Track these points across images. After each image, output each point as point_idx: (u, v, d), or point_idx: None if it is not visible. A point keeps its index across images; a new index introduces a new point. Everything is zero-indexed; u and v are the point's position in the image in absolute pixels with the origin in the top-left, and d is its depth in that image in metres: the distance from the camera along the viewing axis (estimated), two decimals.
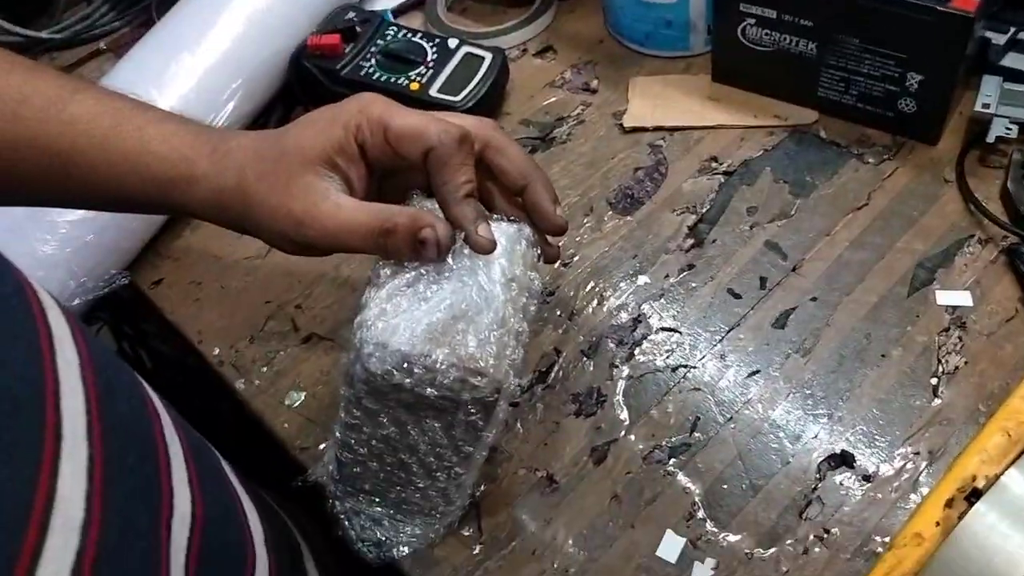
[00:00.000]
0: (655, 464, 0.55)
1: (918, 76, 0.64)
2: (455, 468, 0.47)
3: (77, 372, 0.31)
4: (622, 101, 0.76)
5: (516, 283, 0.43)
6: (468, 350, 0.41)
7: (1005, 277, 0.60)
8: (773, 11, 0.67)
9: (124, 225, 0.67)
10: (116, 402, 0.33)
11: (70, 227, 0.64)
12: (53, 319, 0.32)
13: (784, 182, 0.68)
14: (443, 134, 0.43)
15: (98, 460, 0.30)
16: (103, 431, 0.31)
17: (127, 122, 0.45)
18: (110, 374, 0.34)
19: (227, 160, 0.45)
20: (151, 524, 0.33)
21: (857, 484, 0.53)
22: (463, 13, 0.87)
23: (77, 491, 0.29)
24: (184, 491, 0.37)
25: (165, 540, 0.34)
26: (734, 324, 0.61)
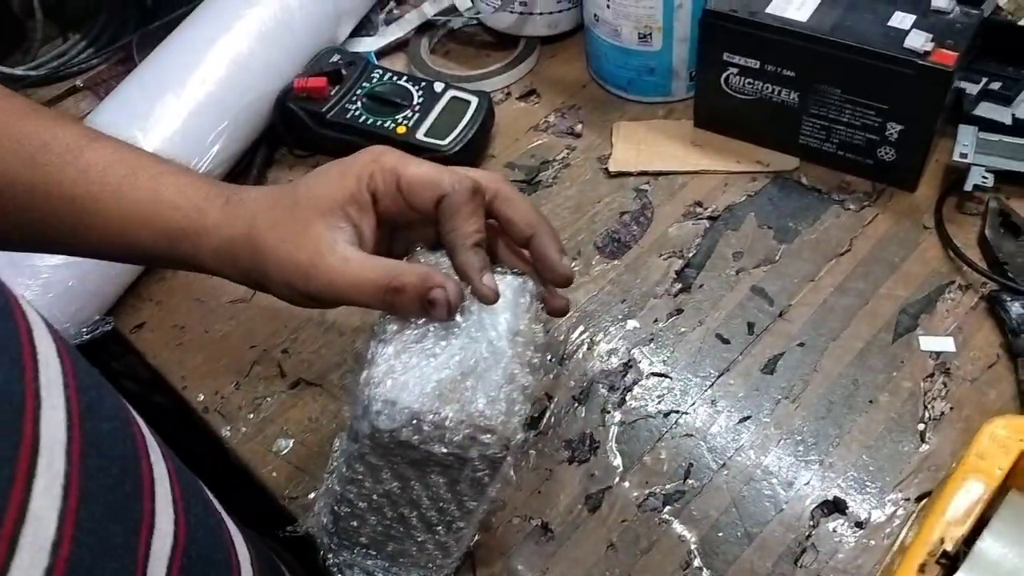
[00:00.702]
0: (650, 512, 0.55)
1: (898, 126, 0.66)
2: (456, 522, 0.47)
3: (60, 390, 0.32)
4: (606, 145, 0.77)
5: (521, 337, 0.43)
6: (478, 407, 0.40)
7: (986, 323, 0.62)
8: (756, 61, 0.68)
9: (106, 270, 0.66)
10: (99, 421, 0.33)
11: (52, 272, 0.63)
12: (39, 336, 0.32)
13: (768, 227, 0.69)
14: (456, 183, 0.43)
15: (75, 477, 0.30)
16: (83, 448, 0.31)
17: (142, 171, 0.45)
18: (93, 394, 0.34)
19: (239, 210, 0.45)
20: (128, 543, 0.33)
21: (850, 531, 0.53)
22: (446, 55, 0.87)
23: (50, 509, 0.29)
24: (167, 510, 0.36)
25: (143, 559, 0.34)
26: (724, 369, 0.61)
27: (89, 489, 0.31)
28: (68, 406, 0.31)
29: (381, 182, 0.44)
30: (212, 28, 0.76)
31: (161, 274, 0.71)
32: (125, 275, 0.69)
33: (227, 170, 0.75)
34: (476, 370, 0.41)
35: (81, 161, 0.44)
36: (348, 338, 0.66)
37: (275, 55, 0.77)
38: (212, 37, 0.75)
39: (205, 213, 0.45)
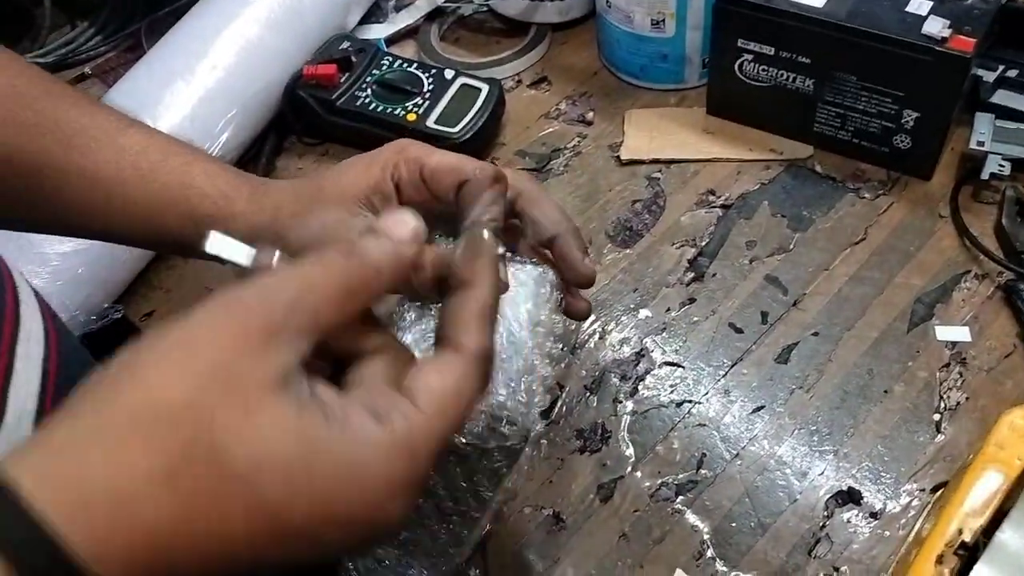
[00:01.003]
0: (662, 502, 0.55)
1: (914, 113, 0.65)
2: (471, 512, 0.46)
3: (39, 366, 0.33)
4: (618, 133, 0.76)
5: (541, 327, 0.43)
6: (498, 398, 0.40)
7: (1002, 312, 0.61)
8: (771, 48, 0.67)
9: (116, 256, 0.66)
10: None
11: (61, 259, 0.63)
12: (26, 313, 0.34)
13: (782, 216, 0.68)
14: (479, 170, 0.43)
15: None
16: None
17: (173, 158, 0.45)
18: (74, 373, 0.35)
19: (264, 199, 0.45)
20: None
21: (864, 521, 0.53)
22: (456, 43, 0.87)
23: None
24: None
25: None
26: (737, 359, 0.61)
27: None
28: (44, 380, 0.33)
29: (405, 171, 0.44)
30: (221, 15, 0.76)
31: (171, 262, 0.71)
32: (135, 262, 0.69)
33: (236, 158, 0.75)
34: (497, 361, 0.41)
35: (115, 145, 0.44)
36: None
37: (284, 42, 0.77)
38: (221, 24, 0.75)
39: (232, 201, 0.45)
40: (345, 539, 0.28)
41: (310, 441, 0.27)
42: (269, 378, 0.27)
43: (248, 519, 0.26)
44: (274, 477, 0.26)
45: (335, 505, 0.28)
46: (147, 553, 0.25)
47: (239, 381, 0.27)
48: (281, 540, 0.27)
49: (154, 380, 0.26)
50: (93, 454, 0.25)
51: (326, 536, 0.28)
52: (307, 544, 0.28)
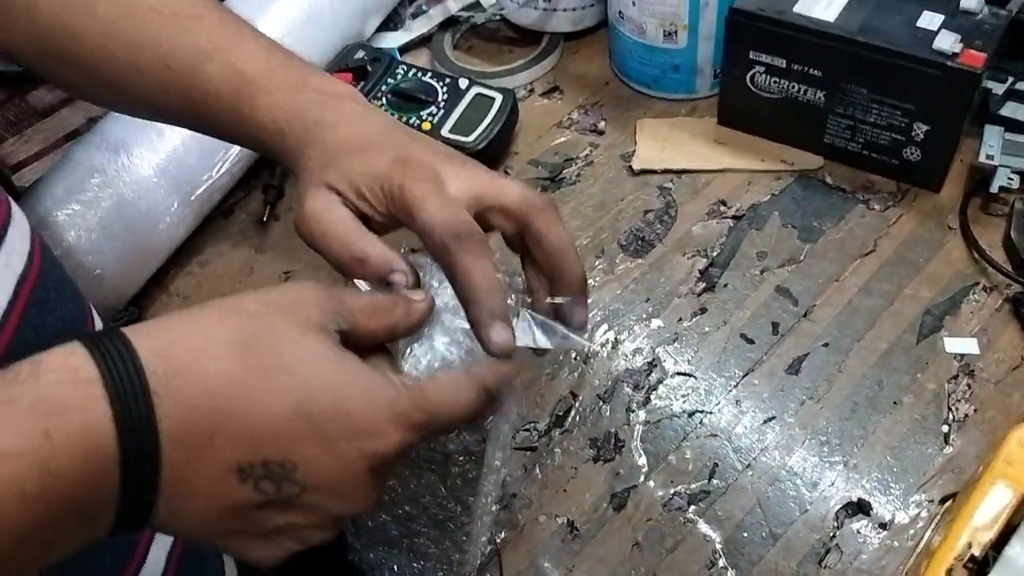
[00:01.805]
0: (675, 511, 0.56)
1: (924, 126, 0.66)
2: (459, 518, 0.47)
3: (15, 278, 0.38)
4: (630, 142, 0.77)
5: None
6: None
7: (1011, 325, 0.62)
8: (783, 60, 0.68)
9: (133, 259, 0.67)
10: (45, 315, 0.39)
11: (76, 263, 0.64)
12: (12, 234, 0.39)
13: (792, 227, 0.69)
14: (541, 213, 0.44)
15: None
16: (19, 329, 0.36)
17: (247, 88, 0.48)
18: (51, 295, 0.40)
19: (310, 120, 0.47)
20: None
21: (874, 532, 0.54)
22: (469, 51, 0.87)
23: None
24: None
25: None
26: (748, 369, 0.62)
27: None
28: (17, 290, 0.37)
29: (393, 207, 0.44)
30: None
31: (188, 269, 0.72)
32: (151, 265, 0.70)
33: (249, 164, 0.75)
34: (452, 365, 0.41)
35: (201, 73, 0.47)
36: None
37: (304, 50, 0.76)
38: None
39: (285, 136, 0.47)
40: (346, 451, 0.35)
41: (338, 363, 0.36)
42: (316, 323, 0.37)
43: (284, 401, 0.34)
44: (310, 374, 0.35)
45: (347, 406, 0.35)
46: (203, 401, 0.33)
47: (298, 317, 0.36)
48: (304, 428, 0.34)
49: (239, 300, 0.37)
50: (186, 324, 0.35)
51: (334, 434, 0.35)
52: (320, 442, 0.35)
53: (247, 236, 0.74)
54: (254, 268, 0.72)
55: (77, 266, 0.65)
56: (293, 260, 0.72)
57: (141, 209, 0.68)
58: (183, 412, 0.32)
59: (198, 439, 0.33)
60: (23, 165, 0.84)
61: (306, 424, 0.34)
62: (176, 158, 0.70)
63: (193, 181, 0.71)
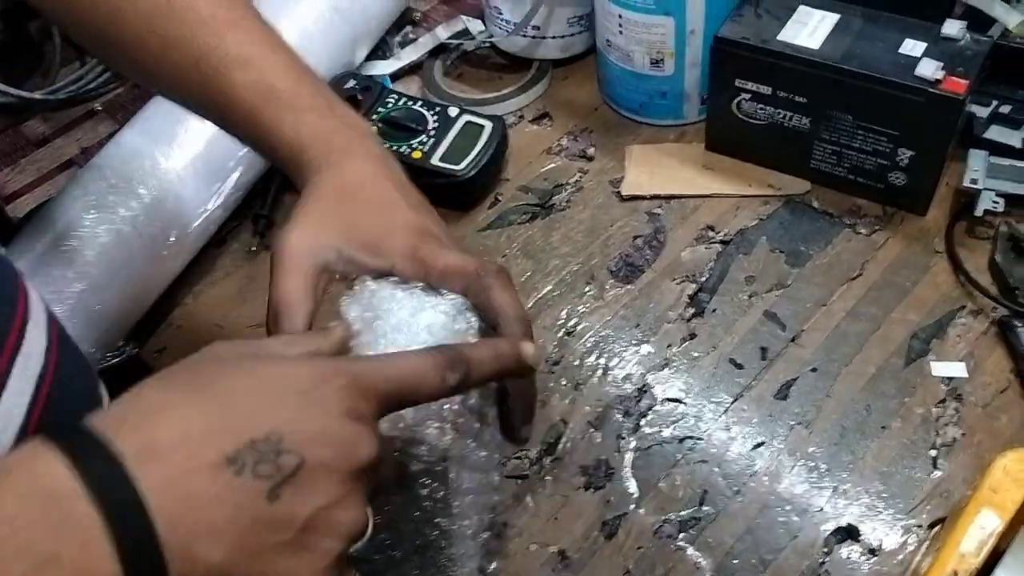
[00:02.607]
0: (665, 539, 0.56)
1: (908, 152, 0.67)
2: (439, 542, 0.47)
3: (34, 379, 0.37)
4: (619, 168, 0.77)
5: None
6: (406, 420, 0.41)
7: (997, 348, 0.62)
8: (768, 87, 0.69)
9: (131, 293, 0.68)
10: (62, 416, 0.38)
11: (77, 298, 0.64)
12: (31, 333, 0.38)
13: (780, 251, 0.70)
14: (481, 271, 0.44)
15: None
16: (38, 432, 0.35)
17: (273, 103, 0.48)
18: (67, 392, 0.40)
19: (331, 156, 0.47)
20: None
21: (863, 558, 0.54)
22: (459, 79, 0.88)
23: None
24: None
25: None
26: (738, 395, 0.62)
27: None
28: (35, 394, 0.37)
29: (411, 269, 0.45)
30: None
31: (181, 299, 0.73)
32: (149, 298, 0.70)
33: (245, 194, 0.76)
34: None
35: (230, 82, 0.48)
36: None
37: None
38: None
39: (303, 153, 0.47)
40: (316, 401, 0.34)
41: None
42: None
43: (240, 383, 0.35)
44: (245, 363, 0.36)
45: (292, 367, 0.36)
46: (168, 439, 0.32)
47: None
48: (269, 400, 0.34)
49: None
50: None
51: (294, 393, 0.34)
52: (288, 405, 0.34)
53: (239, 265, 0.75)
54: (247, 297, 0.72)
55: (77, 302, 0.65)
56: None
57: (140, 243, 0.68)
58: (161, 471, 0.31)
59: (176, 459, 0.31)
60: (18, 195, 0.84)
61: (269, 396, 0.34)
62: (173, 191, 0.70)
63: (189, 214, 0.71)
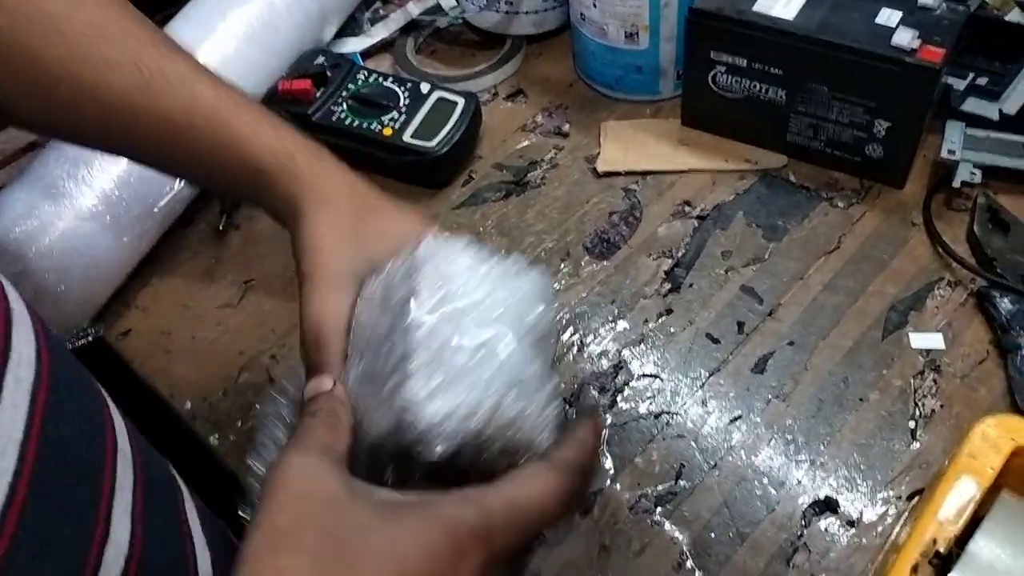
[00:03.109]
0: (642, 514, 0.55)
1: (885, 123, 0.66)
2: None
3: (28, 389, 0.33)
4: (594, 145, 0.76)
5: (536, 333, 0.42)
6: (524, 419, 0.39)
7: (975, 319, 0.62)
8: (743, 60, 0.68)
9: (96, 275, 0.66)
10: (64, 424, 0.35)
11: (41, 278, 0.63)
12: (17, 338, 0.35)
13: (756, 226, 0.69)
14: None
15: (26, 475, 0.31)
16: (40, 448, 0.32)
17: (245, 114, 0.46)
18: (64, 396, 0.35)
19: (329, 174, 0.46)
20: (77, 548, 0.34)
21: (842, 530, 0.53)
22: (432, 55, 0.87)
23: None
24: (124, 521, 0.37)
25: (94, 566, 0.35)
26: (714, 369, 0.61)
27: (40, 489, 0.32)
28: (32, 405, 0.33)
29: None
30: (198, 30, 0.76)
31: (147, 280, 0.71)
32: (114, 281, 0.68)
33: None
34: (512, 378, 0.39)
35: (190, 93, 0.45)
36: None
37: (261, 57, 0.76)
38: (198, 39, 0.75)
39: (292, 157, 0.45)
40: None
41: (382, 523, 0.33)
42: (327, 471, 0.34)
43: None
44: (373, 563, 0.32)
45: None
46: None
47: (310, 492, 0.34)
48: None
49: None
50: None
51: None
52: None
53: (205, 246, 0.73)
54: (214, 278, 0.71)
55: (39, 284, 0.63)
56: (252, 269, 0.71)
57: (103, 223, 0.66)
58: None
59: None
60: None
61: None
62: (137, 170, 0.68)
63: (156, 193, 0.69)
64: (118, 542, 0.36)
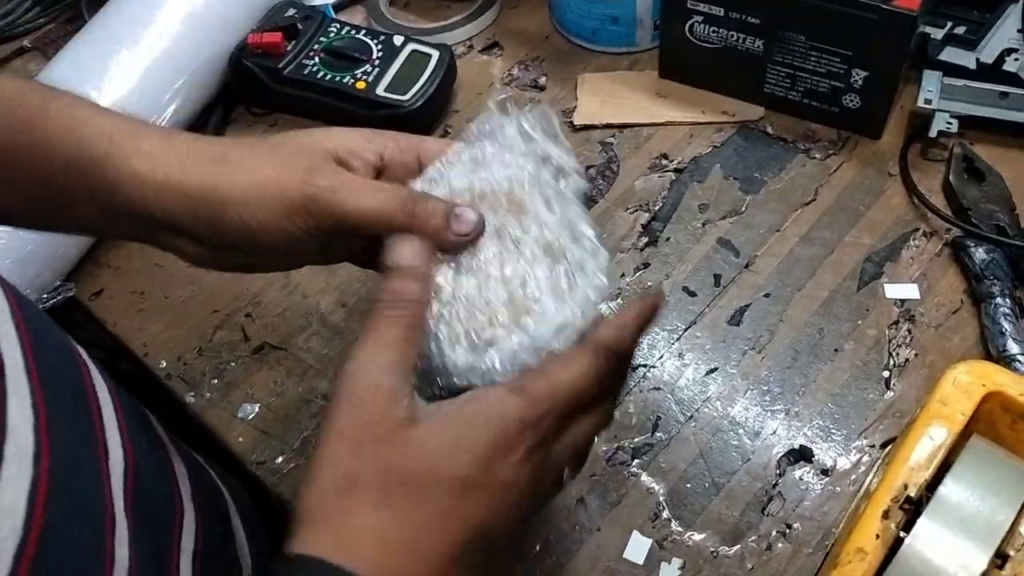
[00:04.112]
0: (619, 465, 0.55)
1: (862, 72, 0.65)
2: None
3: (9, 319, 0.33)
4: (571, 98, 0.75)
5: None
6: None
7: (950, 269, 0.62)
8: (720, 8, 0.67)
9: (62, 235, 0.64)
10: (47, 352, 0.35)
11: (8, 237, 0.62)
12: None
13: (734, 178, 0.69)
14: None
15: (39, 397, 0.32)
16: (39, 373, 0.33)
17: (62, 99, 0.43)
18: (39, 326, 0.36)
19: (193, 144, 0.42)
20: (94, 463, 0.35)
21: (816, 478, 0.54)
22: (406, 7, 0.85)
23: (26, 423, 0.30)
24: (116, 437, 0.38)
25: (107, 480, 0.36)
26: (691, 322, 0.61)
27: (53, 410, 0.32)
28: (19, 333, 0.33)
29: (395, 145, 0.43)
30: None
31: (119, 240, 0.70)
32: (86, 241, 0.67)
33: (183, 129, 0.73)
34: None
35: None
36: (312, 300, 0.65)
37: (231, 9, 0.75)
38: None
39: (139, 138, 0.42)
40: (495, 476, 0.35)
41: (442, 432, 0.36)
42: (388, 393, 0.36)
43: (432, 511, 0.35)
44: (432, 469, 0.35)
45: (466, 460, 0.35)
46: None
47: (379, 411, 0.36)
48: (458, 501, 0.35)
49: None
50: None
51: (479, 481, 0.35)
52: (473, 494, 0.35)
53: None
54: None
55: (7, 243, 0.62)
56: None
57: None
58: None
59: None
60: None
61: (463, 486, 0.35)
62: None
63: None
64: (116, 457, 0.37)
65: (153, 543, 0.39)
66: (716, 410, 0.57)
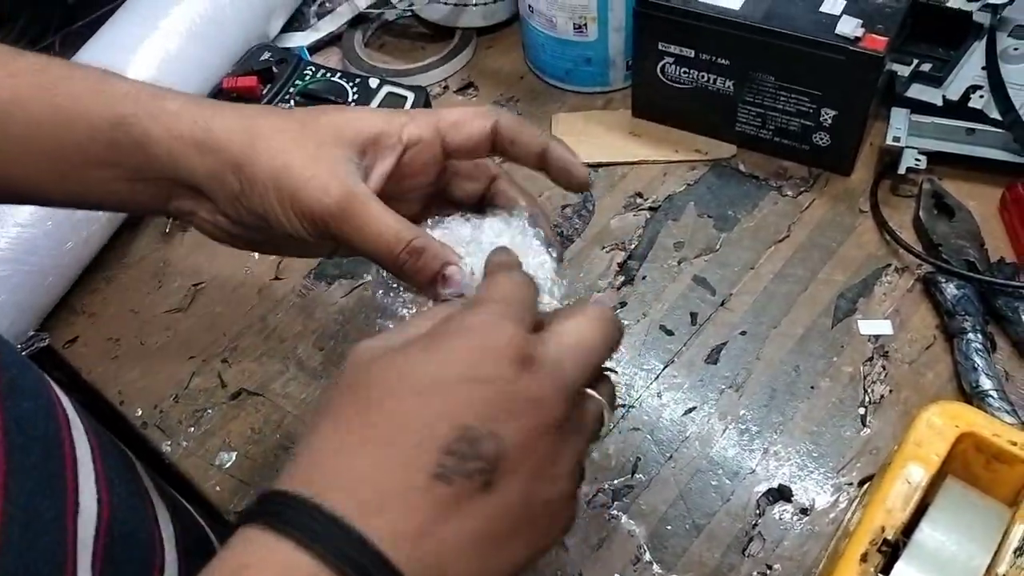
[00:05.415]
0: (599, 508, 0.55)
1: (831, 111, 0.66)
2: None
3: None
4: None
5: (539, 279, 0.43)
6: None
7: (922, 305, 0.62)
8: (691, 50, 0.68)
9: (38, 282, 0.64)
10: (20, 400, 0.34)
11: None
12: None
13: (708, 216, 0.69)
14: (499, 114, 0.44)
15: (1, 452, 0.31)
16: (6, 424, 0.32)
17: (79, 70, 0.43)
18: (15, 373, 0.35)
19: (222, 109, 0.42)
20: (56, 519, 0.35)
21: (795, 518, 0.54)
22: (381, 49, 0.86)
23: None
24: (90, 488, 0.38)
25: (72, 535, 0.35)
26: (668, 361, 0.61)
27: (16, 464, 0.32)
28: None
29: (415, 127, 0.42)
30: (140, 26, 0.74)
31: (94, 286, 0.69)
32: (59, 287, 0.67)
33: None
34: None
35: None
36: (290, 344, 0.65)
37: (205, 54, 0.75)
38: (140, 36, 0.73)
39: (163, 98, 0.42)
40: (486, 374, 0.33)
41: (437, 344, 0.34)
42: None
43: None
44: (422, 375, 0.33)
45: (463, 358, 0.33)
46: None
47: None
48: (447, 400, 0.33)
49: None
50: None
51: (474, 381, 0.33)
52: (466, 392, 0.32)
53: (154, 248, 0.72)
54: (162, 281, 0.70)
55: None
56: (201, 272, 0.70)
57: (44, 230, 0.65)
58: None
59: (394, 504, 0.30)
60: None
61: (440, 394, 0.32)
62: None
63: None
64: (88, 509, 0.37)
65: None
66: (695, 450, 0.57)
